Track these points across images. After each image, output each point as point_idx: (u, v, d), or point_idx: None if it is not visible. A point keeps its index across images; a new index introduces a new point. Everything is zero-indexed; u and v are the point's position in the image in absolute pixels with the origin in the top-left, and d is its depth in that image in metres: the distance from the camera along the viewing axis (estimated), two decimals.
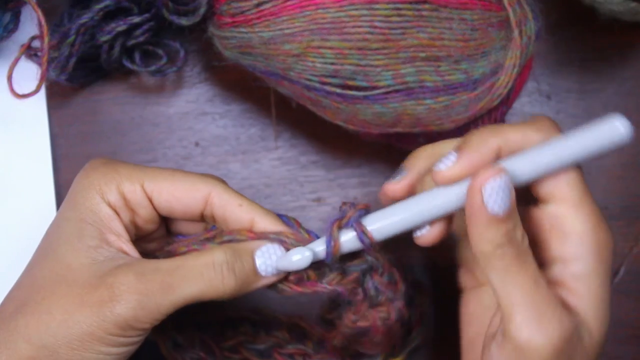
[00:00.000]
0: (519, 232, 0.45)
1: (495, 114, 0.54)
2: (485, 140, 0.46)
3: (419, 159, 0.50)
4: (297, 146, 0.63)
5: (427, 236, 0.48)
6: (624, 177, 0.63)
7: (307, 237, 0.49)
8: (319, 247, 0.48)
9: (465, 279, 0.54)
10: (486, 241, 0.45)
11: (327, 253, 0.48)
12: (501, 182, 0.44)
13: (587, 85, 0.64)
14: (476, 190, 0.44)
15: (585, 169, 0.63)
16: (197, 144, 0.63)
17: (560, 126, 0.63)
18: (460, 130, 0.54)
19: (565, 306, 0.46)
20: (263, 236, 0.49)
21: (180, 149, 0.63)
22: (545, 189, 0.47)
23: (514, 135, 0.47)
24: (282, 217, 0.51)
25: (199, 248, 0.50)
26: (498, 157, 0.47)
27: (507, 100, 0.54)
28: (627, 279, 0.63)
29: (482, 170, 0.44)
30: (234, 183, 0.63)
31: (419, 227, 0.48)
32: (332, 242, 0.48)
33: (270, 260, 0.49)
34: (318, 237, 0.49)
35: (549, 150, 0.46)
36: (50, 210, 0.61)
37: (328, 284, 0.49)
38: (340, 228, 0.48)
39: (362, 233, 0.48)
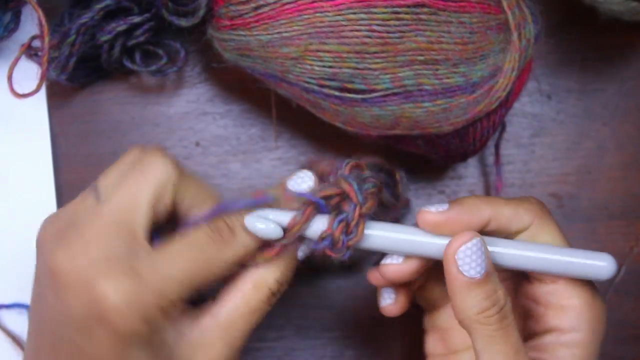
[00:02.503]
0: (501, 294, 0.46)
1: (494, 117, 0.54)
2: (479, 206, 0.48)
3: (466, 204, 0.49)
4: (297, 146, 0.63)
5: (395, 268, 0.49)
6: (624, 177, 0.63)
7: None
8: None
9: (434, 345, 0.54)
10: (468, 307, 0.46)
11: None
12: (474, 245, 0.45)
13: (587, 85, 0.64)
14: (451, 256, 0.45)
15: (585, 169, 0.63)
16: (197, 144, 0.63)
17: (561, 126, 0.63)
18: (460, 133, 0.54)
19: None
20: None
21: (180, 148, 0.63)
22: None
23: (506, 211, 0.48)
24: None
25: None
26: (485, 226, 0.48)
27: (506, 103, 0.54)
28: (627, 279, 0.63)
29: (457, 235, 0.46)
30: (235, 183, 0.63)
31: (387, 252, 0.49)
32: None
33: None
34: None
35: (535, 253, 0.47)
36: (51, 210, 0.61)
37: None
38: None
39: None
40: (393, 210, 0.57)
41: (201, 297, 0.48)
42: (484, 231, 0.48)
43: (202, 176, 0.62)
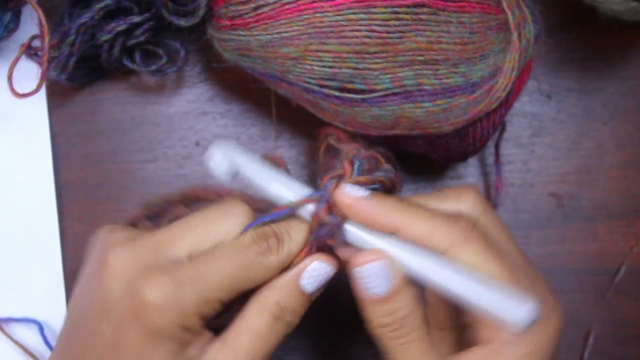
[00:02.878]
0: (403, 313, 0.45)
1: (494, 117, 0.54)
2: (392, 213, 0.47)
3: (381, 204, 0.48)
4: (297, 146, 0.63)
5: None
6: (624, 176, 0.63)
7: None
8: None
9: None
10: (370, 320, 0.46)
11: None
12: (378, 266, 0.45)
13: (587, 84, 0.64)
14: (355, 272, 0.46)
15: (585, 169, 0.63)
16: (197, 144, 0.63)
17: (561, 126, 0.63)
18: (459, 133, 0.54)
19: None
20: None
21: (180, 148, 0.63)
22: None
23: (419, 228, 0.46)
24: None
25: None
26: (395, 233, 0.46)
27: (506, 103, 0.54)
28: (627, 279, 0.63)
29: (358, 254, 0.46)
30: (234, 182, 0.63)
31: None
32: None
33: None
34: None
35: (445, 275, 0.44)
36: (51, 210, 0.61)
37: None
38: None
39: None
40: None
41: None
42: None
43: (202, 175, 0.62)
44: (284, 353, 0.63)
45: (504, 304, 0.42)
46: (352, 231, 0.47)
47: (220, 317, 0.47)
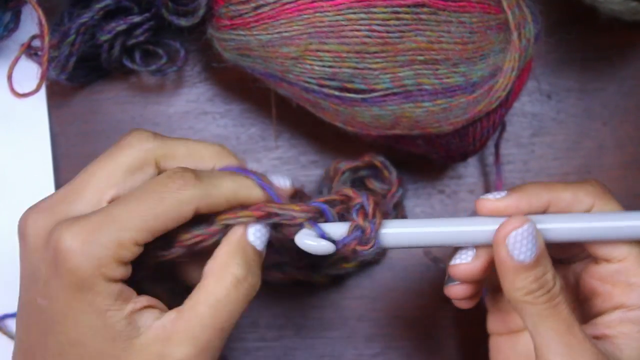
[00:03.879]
0: (550, 276, 0.46)
1: (494, 117, 0.54)
2: (538, 192, 0.48)
3: (522, 192, 0.49)
4: (297, 146, 0.63)
5: (465, 267, 0.49)
6: (624, 176, 0.63)
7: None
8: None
9: (495, 325, 0.54)
10: (516, 289, 0.46)
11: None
12: (525, 230, 0.46)
13: (587, 84, 0.64)
14: (501, 239, 0.46)
15: (585, 169, 0.63)
16: None
17: (561, 126, 0.63)
18: (459, 133, 0.54)
19: (604, 351, 0.47)
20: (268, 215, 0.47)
21: None
22: (604, 251, 0.49)
23: (565, 195, 0.49)
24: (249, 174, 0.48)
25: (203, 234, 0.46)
26: (545, 211, 0.48)
27: (506, 103, 0.54)
28: None
29: (507, 220, 0.46)
30: None
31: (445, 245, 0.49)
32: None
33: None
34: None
35: (588, 223, 0.48)
36: None
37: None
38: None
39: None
40: (390, 196, 0.58)
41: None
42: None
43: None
44: (283, 353, 0.63)
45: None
46: (391, 232, 0.47)
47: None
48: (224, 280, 0.45)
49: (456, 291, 0.51)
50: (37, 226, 0.45)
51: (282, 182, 0.50)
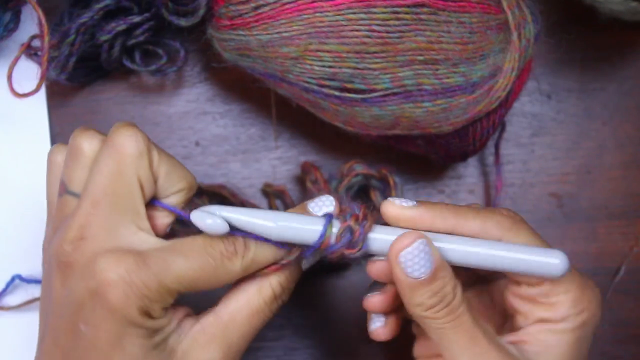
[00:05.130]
0: (449, 289, 0.46)
1: (494, 117, 0.54)
2: (445, 214, 0.47)
3: (433, 208, 0.48)
4: (297, 146, 0.63)
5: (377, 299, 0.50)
6: (624, 176, 0.63)
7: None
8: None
9: (420, 350, 0.54)
10: (414, 305, 0.46)
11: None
12: (416, 248, 0.45)
13: (587, 84, 0.64)
14: (394, 257, 0.45)
15: (585, 168, 0.63)
16: (197, 144, 0.63)
17: (560, 126, 0.63)
18: (459, 133, 0.54)
19: (519, 356, 0.47)
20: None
21: (180, 148, 0.63)
22: (521, 276, 0.48)
23: (472, 224, 0.47)
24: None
25: None
26: (450, 234, 0.47)
27: (506, 103, 0.54)
28: (627, 279, 0.63)
29: (400, 237, 0.45)
30: (235, 182, 0.63)
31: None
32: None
33: None
34: None
35: (484, 249, 0.46)
36: None
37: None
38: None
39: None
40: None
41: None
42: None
43: (202, 175, 0.62)
44: (283, 353, 0.63)
45: (538, 260, 0.46)
46: (378, 237, 0.47)
47: None
48: (264, 293, 0.47)
49: (374, 303, 0.51)
50: (79, 251, 0.44)
51: (326, 209, 0.49)
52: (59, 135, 0.63)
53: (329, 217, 0.47)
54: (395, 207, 0.47)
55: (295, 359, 0.63)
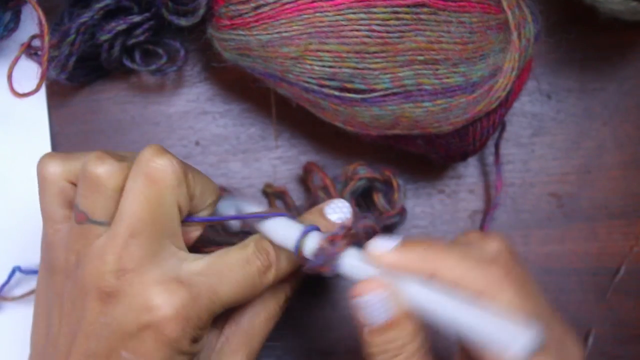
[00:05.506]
0: (406, 339, 0.45)
1: (494, 116, 0.54)
2: (426, 258, 0.46)
3: (413, 251, 0.47)
4: (297, 146, 0.63)
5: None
6: (623, 176, 0.63)
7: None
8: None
9: None
10: (371, 348, 0.46)
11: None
12: (379, 296, 0.45)
13: (587, 84, 0.64)
14: (354, 299, 0.46)
15: (584, 168, 0.63)
16: (197, 143, 0.63)
17: (560, 126, 0.63)
18: (459, 132, 0.54)
19: None
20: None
21: (180, 148, 0.63)
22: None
23: (456, 272, 0.45)
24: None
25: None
26: (432, 278, 0.46)
27: (506, 103, 0.54)
28: (627, 279, 0.63)
29: (359, 284, 0.46)
30: (234, 182, 0.63)
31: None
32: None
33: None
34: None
35: (447, 307, 0.44)
36: None
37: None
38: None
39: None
40: (386, 216, 0.58)
41: None
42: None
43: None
44: (283, 353, 0.63)
45: (508, 329, 0.42)
46: (348, 265, 0.47)
47: None
48: (278, 297, 0.50)
49: None
50: (122, 280, 0.45)
51: (342, 215, 0.52)
52: (59, 135, 0.63)
53: (305, 231, 0.48)
54: (376, 251, 0.47)
55: (295, 359, 0.63)
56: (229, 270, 0.47)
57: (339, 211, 0.50)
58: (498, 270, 0.45)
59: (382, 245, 0.47)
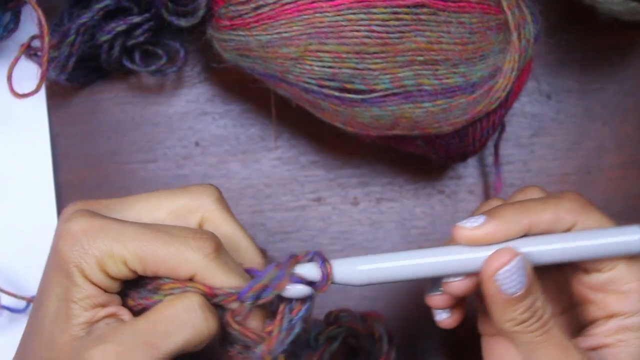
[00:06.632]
0: (540, 304, 0.46)
1: (494, 117, 0.54)
2: (516, 217, 0.46)
3: (503, 215, 0.47)
4: (297, 146, 0.63)
5: (459, 284, 0.48)
6: (624, 177, 0.63)
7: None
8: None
9: (485, 326, 0.52)
10: (505, 321, 0.46)
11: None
12: (514, 266, 0.44)
13: (587, 85, 0.64)
14: (489, 276, 0.45)
15: (585, 169, 0.63)
16: (197, 144, 0.63)
17: (560, 126, 0.63)
18: (459, 133, 0.54)
19: None
20: (216, 292, 0.45)
21: (180, 148, 0.63)
22: (593, 263, 0.48)
23: (544, 216, 0.46)
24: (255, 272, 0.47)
25: (144, 302, 0.46)
26: (526, 234, 0.46)
27: (506, 103, 0.54)
28: None
29: (495, 254, 0.45)
30: (234, 183, 0.63)
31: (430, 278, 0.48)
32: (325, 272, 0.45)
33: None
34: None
35: (572, 243, 0.46)
36: (51, 210, 0.61)
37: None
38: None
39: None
40: None
41: None
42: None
43: (202, 175, 0.62)
44: None
45: (621, 240, 0.46)
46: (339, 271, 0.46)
47: None
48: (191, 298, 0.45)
49: (438, 301, 0.50)
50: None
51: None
52: (59, 135, 0.63)
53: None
54: (468, 231, 0.46)
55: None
56: (157, 224, 0.45)
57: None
58: (576, 202, 0.47)
59: (470, 224, 0.46)
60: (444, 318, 0.51)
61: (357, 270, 0.46)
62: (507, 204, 0.48)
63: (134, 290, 0.46)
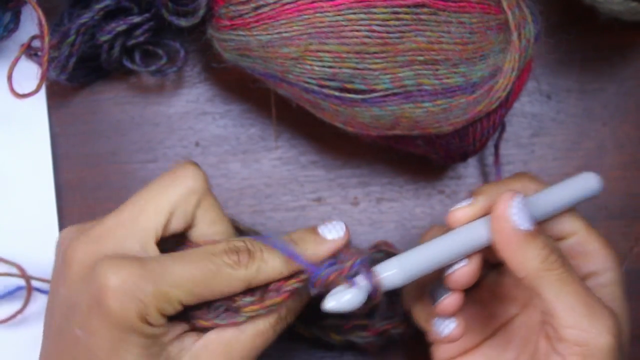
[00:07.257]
0: (554, 245, 0.48)
1: (494, 117, 0.54)
2: (496, 191, 0.49)
3: (486, 193, 0.50)
4: (297, 146, 0.63)
5: (464, 270, 0.49)
6: (623, 177, 0.63)
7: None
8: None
9: (441, 354, 0.55)
10: (530, 259, 0.47)
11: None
12: (519, 202, 0.47)
13: (587, 85, 0.64)
14: (503, 215, 0.47)
15: (584, 169, 0.62)
16: (197, 144, 0.63)
17: (560, 126, 0.64)
18: (459, 133, 0.54)
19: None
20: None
21: (180, 148, 0.63)
22: (558, 229, 0.52)
23: (516, 186, 0.51)
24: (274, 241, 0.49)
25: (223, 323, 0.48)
26: None
27: (506, 103, 0.54)
28: (627, 279, 0.62)
29: (500, 198, 0.47)
30: (234, 183, 0.63)
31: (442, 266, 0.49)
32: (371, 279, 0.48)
33: None
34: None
35: (551, 197, 0.51)
36: (51, 210, 0.61)
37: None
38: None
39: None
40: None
41: None
42: None
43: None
44: (283, 353, 0.63)
45: (584, 181, 0.53)
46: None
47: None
48: (268, 315, 0.47)
49: (448, 305, 0.50)
50: (84, 257, 0.46)
51: (336, 234, 0.51)
52: (59, 135, 0.63)
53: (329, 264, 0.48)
54: (463, 210, 0.49)
55: (295, 359, 0.63)
56: (189, 256, 0.46)
57: (333, 230, 0.50)
58: (528, 177, 0.53)
59: (464, 203, 0.50)
60: (451, 329, 0.51)
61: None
62: (486, 183, 0.53)
63: (201, 310, 0.47)
